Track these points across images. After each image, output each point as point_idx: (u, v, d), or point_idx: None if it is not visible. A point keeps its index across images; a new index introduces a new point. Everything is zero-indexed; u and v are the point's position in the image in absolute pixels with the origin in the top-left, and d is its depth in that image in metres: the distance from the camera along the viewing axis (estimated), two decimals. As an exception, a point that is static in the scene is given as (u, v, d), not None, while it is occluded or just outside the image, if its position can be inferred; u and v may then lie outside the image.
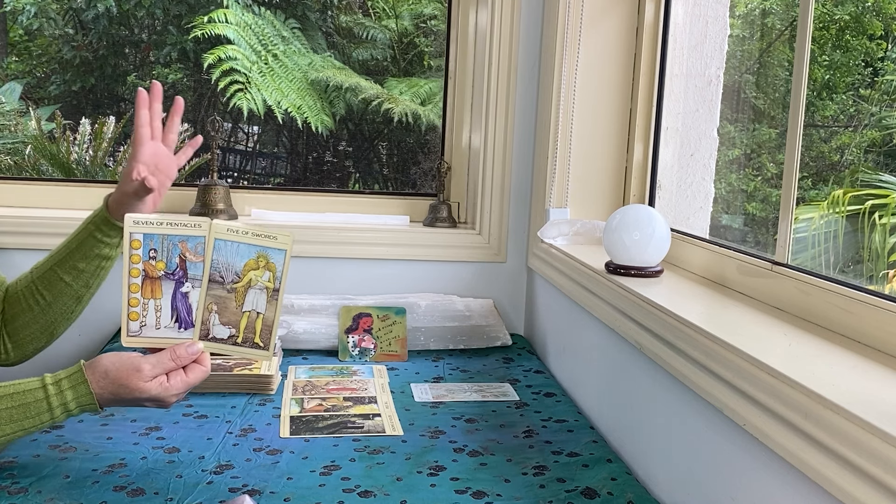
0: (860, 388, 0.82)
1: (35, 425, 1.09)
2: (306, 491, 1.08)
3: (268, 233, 1.13)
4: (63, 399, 1.09)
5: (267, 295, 1.13)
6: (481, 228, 1.93)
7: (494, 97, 1.88)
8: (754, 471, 0.92)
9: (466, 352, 1.77)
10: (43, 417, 1.09)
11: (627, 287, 1.27)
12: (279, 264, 1.12)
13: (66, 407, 1.09)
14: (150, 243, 1.16)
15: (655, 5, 1.72)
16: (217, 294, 1.14)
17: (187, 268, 1.15)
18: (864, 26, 5.23)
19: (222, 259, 1.13)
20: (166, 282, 1.15)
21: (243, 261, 1.13)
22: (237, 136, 6.86)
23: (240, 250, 1.13)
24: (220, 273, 1.14)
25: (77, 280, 1.43)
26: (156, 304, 1.16)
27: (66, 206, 1.93)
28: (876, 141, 4.91)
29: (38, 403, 1.08)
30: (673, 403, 1.13)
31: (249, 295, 1.14)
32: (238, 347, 1.14)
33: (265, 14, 5.99)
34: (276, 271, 1.12)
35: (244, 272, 1.13)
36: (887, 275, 3.48)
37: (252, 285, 1.13)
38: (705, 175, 1.73)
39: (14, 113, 5.03)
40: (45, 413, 1.08)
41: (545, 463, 1.21)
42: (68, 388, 1.09)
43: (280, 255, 1.12)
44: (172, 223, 1.15)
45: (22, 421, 1.08)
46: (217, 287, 1.14)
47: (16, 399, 1.08)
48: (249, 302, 1.13)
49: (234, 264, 1.13)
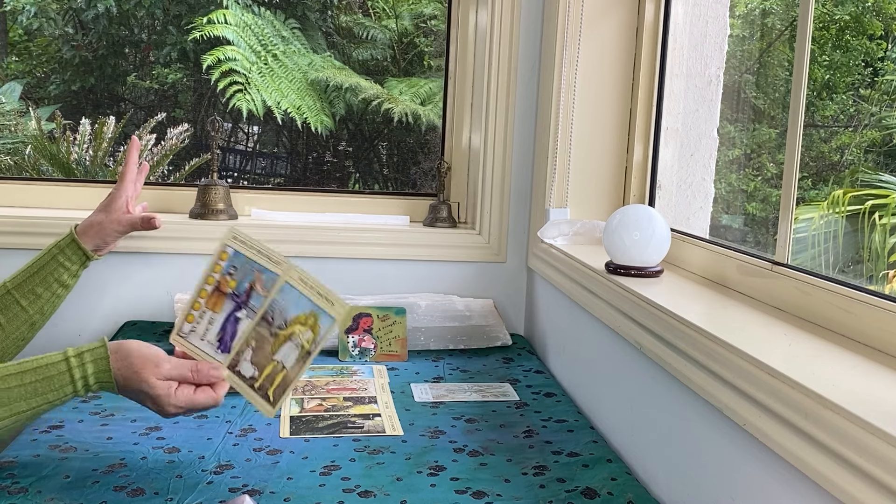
0: (860, 388, 0.82)
1: (59, 398, 1.09)
2: (306, 491, 1.08)
3: (329, 296, 1.12)
4: (84, 372, 1.10)
5: (299, 354, 1.12)
6: (481, 228, 1.93)
7: (494, 97, 1.88)
8: (754, 471, 0.92)
9: (466, 352, 1.77)
10: (66, 390, 1.09)
11: (627, 287, 1.27)
12: (323, 330, 1.11)
13: (87, 381, 1.10)
14: (235, 261, 1.18)
15: (655, 5, 1.72)
16: (261, 332, 1.14)
17: (251, 297, 1.16)
18: (864, 26, 5.23)
19: (281, 302, 1.14)
20: (229, 301, 1.17)
21: (296, 312, 1.13)
22: (237, 136, 6.86)
23: (299, 301, 1.13)
24: (272, 314, 1.14)
25: (33, 305, 1.46)
26: (211, 317, 1.18)
27: (66, 206, 1.93)
28: (876, 141, 4.91)
29: (60, 376, 1.09)
30: (673, 403, 1.13)
31: (285, 346, 1.13)
32: (252, 391, 1.14)
33: (265, 14, 5.99)
34: (317, 335, 1.11)
35: (292, 323, 1.13)
36: (887, 275, 3.48)
37: (291, 338, 1.12)
38: (705, 175, 1.73)
39: (14, 113, 5.03)
40: (67, 385, 1.09)
41: (545, 463, 1.21)
42: (90, 362, 1.10)
43: (328, 321, 1.11)
44: (260, 252, 1.17)
45: (46, 394, 1.09)
46: (264, 326, 1.14)
47: (39, 373, 1.09)
48: (282, 353, 1.13)
49: (288, 312, 1.13)
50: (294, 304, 1.13)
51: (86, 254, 1.52)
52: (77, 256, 1.51)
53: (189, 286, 1.86)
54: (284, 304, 1.14)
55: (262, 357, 1.13)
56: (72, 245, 1.51)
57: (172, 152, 4.75)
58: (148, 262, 1.84)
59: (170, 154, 4.73)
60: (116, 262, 1.80)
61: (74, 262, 1.51)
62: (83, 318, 1.83)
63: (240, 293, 1.17)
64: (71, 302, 1.71)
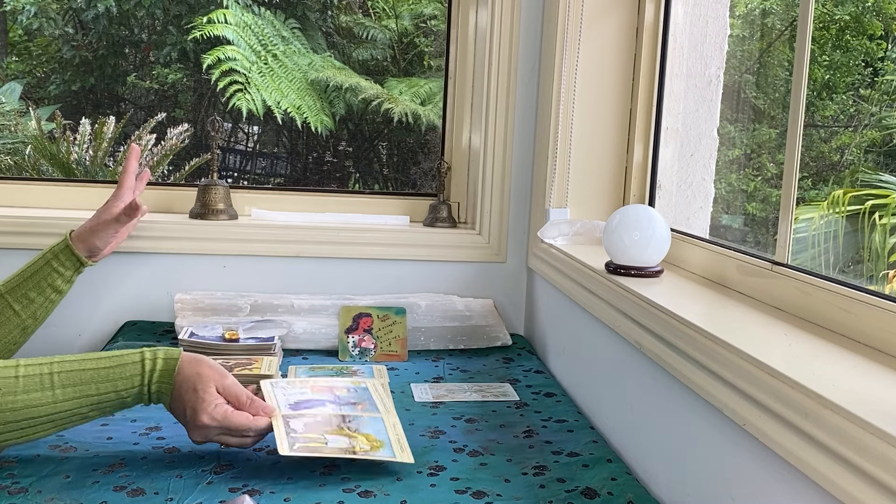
0: (860, 388, 0.82)
1: (126, 388, 1.12)
2: (306, 491, 1.08)
3: (405, 446, 1.16)
4: (154, 366, 1.13)
5: (344, 448, 1.14)
6: (481, 228, 1.93)
7: (494, 97, 1.88)
8: (754, 471, 0.92)
9: (466, 352, 1.77)
10: (135, 380, 1.12)
11: (627, 287, 1.27)
12: (379, 454, 1.14)
13: (152, 376, 1.13)
14: (360, 393, 1.27)
15: (655, 5, 1.72)
16: (332, 417, 1.20)
17: (347, 405, 1.24)
18: (864, 26, 5.23)
19: (366, 420, 1.20)
20: (329, 395, 1.25)
21: (371, 431, 1.18)
22: (237, 136, 6.87)
23: (379, 430, 1.18)
24: (351, 420, 1.20)
25: (26, 310, 1.46)
26: (304, 391, 1.25)
27: (66, 206, 1.93)
28: (876, 141, 4.92)
29: (133, 366, 1.13)
30: (673, 403, 1.13)
31: (340, 436, 1.16)
32: (283, 430, 1.16)
33: (265, 14, 5.99)
34: (370, 451, 1.14)
35: (361, 433, 1.17)
36: (887, 275, 3.48)
37: (349, 437, 1.16)
38: (705, 175, 1.73)
39: (14, 113, 5.03)
40: (136, 376, 1.13)
41: (545, 463, 1.21)
42: (161, 358, 1.14)
43: (388, 453, 1.14)
44: (382, 400, 1.26)
45: (116, 381, 1.11)
46: (338, 418, 1.20)
47: (115, 360, 1.13)
48: (334, 438, 1.16)
49: (365, 427, 1.19)
50: (374, 428, 1.19)
51: (79, 259, 1.53)
52: (71, 262, 1.52)
53: (189, 286, 1.87)
54: (368, 422, 1.20)
55: (315, 429, 1.16)
56: (66, 251, 1.51)
57: (172, 152, 4.75)
58: (148, 262, 1.84)
59: (170, 154, 4.74)
60: (116, 262, 1.80)
61: (68, 267, 1.51)
62: (83, 319, 1.83)
63: (342, 400, 1.24)
64: (71, 302, 1.71)
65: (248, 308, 1.77)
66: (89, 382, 1.10)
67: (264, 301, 1.79)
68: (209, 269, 1.86)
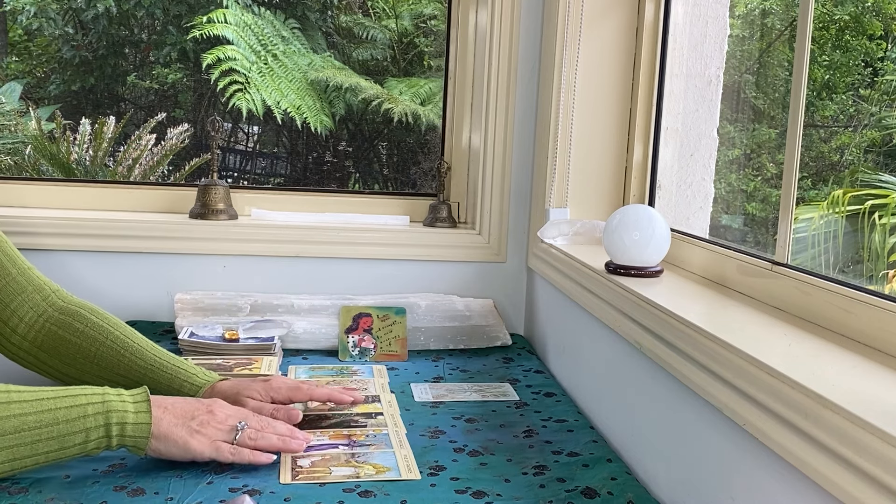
0: (860, 388, 0.82)
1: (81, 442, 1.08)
2: (306, 491, 1.08)
3: (412, 466, 1.17)
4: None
5: (342, 463, 1.16)
6: (481, 228, 1.93)
7: (494, 97, 1.88)
8: (754, 471, 0.92)
9: (466, 352, 1.77)
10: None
11: (627, 287, 1.27)
12: (386, 475, 1.14)
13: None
14: (381, 437, 1.27)
15: (655, 5, 1.72)
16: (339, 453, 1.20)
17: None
18: (864, 26, 5.23)
19: (375, 455, 1.20)
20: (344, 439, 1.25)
21: (378, 461, 1.18)
22: (237, 136, 6.87)
23: (387, 459, 1.18)
24: (361, 454, 1.20)
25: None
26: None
27: (66, 207, 1.93)
28: (876, 141, 4.92)
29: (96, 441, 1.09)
30: (673, 403, 1.13)
31: (342, 466, 1.16)
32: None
33: (265, 14, 5.99)
34: (374, 474, 1.14)
35: (368, 464, 1.17)
36: (887, 275, 3.49)
37: (352, 465, 1.16)
38: (705, 175, 1.73)
39: (14, 113, 5.04)
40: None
41: (545, 463, 1.21)
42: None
43: (395, 475, 1.14)
44: (400, 444, 1.25)
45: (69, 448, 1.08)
46: (345, 451, 1.20)
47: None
48: (335, 464, 1.17)
49: (373, 458, 1.19)
50: (383, 459, 1.19)
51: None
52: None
53: (189, 286, 1.87)
54: (377, 455, 1.20)
55: (321, 465, 1.16)
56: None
57: (172, 152, 4.75)
58: (148, 262, 1.84)
59: (170, 154, 4.74)
60: (116, 262, 1.80)
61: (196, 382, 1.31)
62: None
63: (357, 444, 1.24)
64: (71, 302, 1.71)
65: (248, 308, 1.77)
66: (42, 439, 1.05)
67: (264, 301, 1.79)
68: (209, 269, 1.86)
